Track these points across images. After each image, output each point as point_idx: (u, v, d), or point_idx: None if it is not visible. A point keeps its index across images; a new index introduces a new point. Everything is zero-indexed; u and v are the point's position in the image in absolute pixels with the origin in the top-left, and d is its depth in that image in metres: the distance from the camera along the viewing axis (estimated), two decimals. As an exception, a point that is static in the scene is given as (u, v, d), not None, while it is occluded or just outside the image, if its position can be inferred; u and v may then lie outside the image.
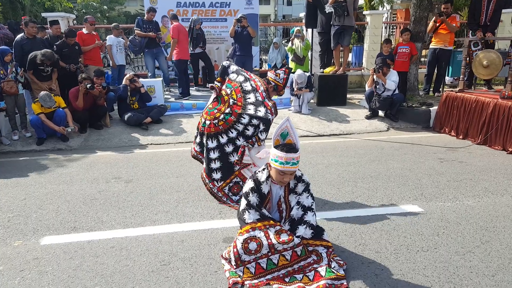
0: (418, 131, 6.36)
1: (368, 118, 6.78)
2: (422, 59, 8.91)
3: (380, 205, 3.52)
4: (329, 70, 7.48)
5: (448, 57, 7.62)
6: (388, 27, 12.64)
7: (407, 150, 5.21)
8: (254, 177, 2.66)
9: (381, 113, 6.88)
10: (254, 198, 2.59)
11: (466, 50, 6.19)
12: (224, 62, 3.71)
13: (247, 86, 3.38)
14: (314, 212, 2.66)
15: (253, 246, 2.46)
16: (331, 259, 2.54)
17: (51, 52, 5.92)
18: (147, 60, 8.00)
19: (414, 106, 6.77)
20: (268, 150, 2.69)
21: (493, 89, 6.96)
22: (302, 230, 2.58)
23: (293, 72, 7.30)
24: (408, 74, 7.29)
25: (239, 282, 2.39)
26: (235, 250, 2.48)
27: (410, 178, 4.15)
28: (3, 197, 3.86)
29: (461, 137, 5.82)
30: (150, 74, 8.10)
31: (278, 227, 2.55)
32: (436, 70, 7.76)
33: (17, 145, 5.71)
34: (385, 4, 14.18)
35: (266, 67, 10.10)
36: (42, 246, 2.90)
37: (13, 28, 8.02)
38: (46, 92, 5.63)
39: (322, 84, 7.41)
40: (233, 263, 2.49)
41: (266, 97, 3.36)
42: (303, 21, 9.31)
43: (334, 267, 2.47)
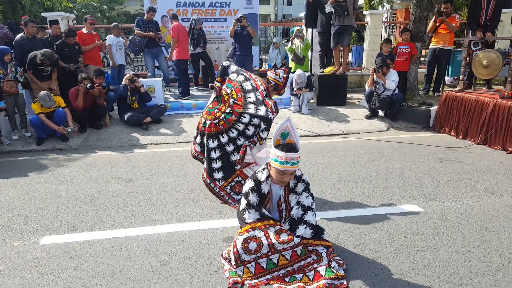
0: (418, 131, 6.36)
1: (368, 118, 6.78)
2: (422, 59, 8.91)
3: (380, 204, 3.52)
4: (329, 70, 7.48)
5: (448, 57, 7.62)
6: (388, 27, 12.64)
7: (407, 150, 5.21)
8: (254, 176, 2.66)
9: (381, 113, 6.88)
10: (254, 198, 2.59)
11: (466, 50, 6.19)
12: (224, 62, 3.71)
13: (247, 86, 3.38)
14: (314, 211, 2.66)
15: (253, 245, 2.46)
16: (331, 259, 2.54)
17: (51, 52, 5.91)
18: (147, 60, 8.00)
19: (414, 106, 6.77)
20: (268, 149, 2.69)
21: (493, 89, 6.96)
22: (302, 230, 2.58)
23: (293, 72, 7.30)
24: (408, 74, 7.30)
25: (239, 281, 2.39)
26: (235, 249, 2.48)
27: (410, 178, 4.15)
28: (3, 197, 3.86)
29: (461, 137, 5.82)
30: (150, 74, 8.10)
31: (278, 227, 2.55)
32: (436, 70, 7.76)
33: (17, 145, 5.71)
34: (385, 4, 14.19)
35: (266, 67, 10.09)
36: (42, 246, 2.90)
37: (12, 27, 8.01)
38: (46, 92, 5.63)
39: (322, 84, 7.42)
40: (233, 263, 2.49)
41: (267, 96, 3.36)
42: (303, 21, 9.30)
43: (334, 267, 2.47)
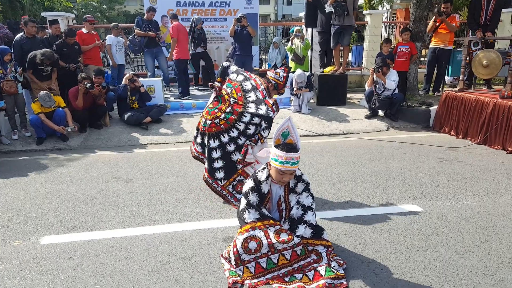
0: (417, 131, 6.36)
1: (368, 117, 6.78)
2: (422, 59, 8.91)
3: (379, 204, 3.52)
4: (329, 70, 7.48)
5: (447, 56, 7.62)
6: (388, 27, 12.63)
7: (407, 150, 5.21)
8: (254, 176, 2.66)
9: (380, 112, 6.88)
10: (254, 198, 2.59)
11: (466, 50, 6.19)
12: (224, 63, 3.71)
13: (248, 85, 3.39)
14: (314, 211, 2.66)
15: (253, 245, 2.46)
16: (331, 259, 2.54)
17: (51, 51, 5.91)
18: (147, 59, 7.99)
19: (413, 105, 6.77)
20: (269, 149, 2.69)
21: (492, 88, 6.96)
22: (302, 230, 2.58)
23: (293, 71, 7.30)
24: (408, 73, 7.30)
25: (239, 281, 2.39)
26: (235, 249, 2.48)
27: (409, 178, 4.15)
28: (3, 196, 3.86)
29: (460, 136, 5.82)
30: (149, 74, 8.10)
31: (278, 227, 2.55)
32: (436, 70, 7.76)
33: (16, 144, 5.71)
34: (385, 3, 14.20)
35: (266, 67, 10.09)
36: (42, 245, 2.90)
37: (12, 27, 8.02)
38: (45, 91, 5.63)
39: (322, 83, 7.42)
40: (233, 263, 2.49)
41: (267, 95, 3.36)
42: (303, 20, 9.31)
43: (334, 267, 2.47)
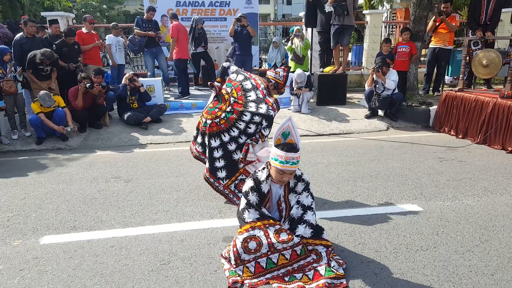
0: (417, 131, 6.36)
1: (367, 117, 6.78)
2: (422, 59, 8.92)
3: (379, 204, 3.52)
4: (328, 70, 7.48)
5: (447, 56, 7.62)
6: (387, 27, 12.64)
7: (407, 150, 5.21)
8: (254, 176, 2.66)
9: (380, 112, 6.88)
10: (253, 197, 2.59)
11: (466, 50, 6.19)
12: (224, 63, 3.73)
13: (248, 85, 3.39)
14: (314, 211, 2.66)
15: (252, 245, 2.46)
16: (331, 258, 2.54)
17: (51, 51, 5.91)
18: (147, 59, 7.99)
19: (413, 105, 6.77)
20: (269, 148, 2.69)
21: (492, 88, 6.97)
22: (302, 229, 2.58)
23: (292, 71, 7.30)
24: (407, 73, 7.30)
25: (239, 281, 2.39)
26: (235, 249, 2.48)
27: (409, 178, 4.15)
28: (3, 196, 3.86)
29: (460, 136, 5.82)
30: (149, 74, 8.10)
31: (277, 226, 2.55)
32: (435, 70, 7.76)
33: (16, 144, 5.71)
34: (384, 3, 14.20)
35: (265, 67, 10.09)
36: (42, 245, 2.90)
37: (12, 27, 8.01)
38: (45, 91, 5.62)
39: (322, 83, 7.42)
40: (232, 262, 2.49)
41: (267, 94, 3.37)
42: (303, 20, 9.31)
43: (334, 266, 2.47)
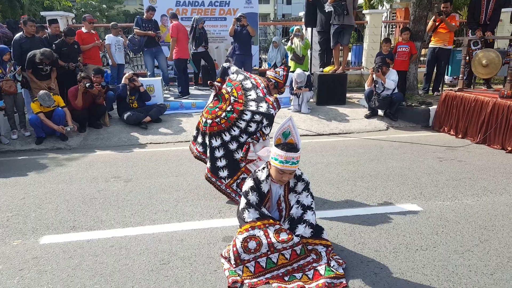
0: (417, 130, 6.36)
1: (367, 117, 6.79)
2: (422, 58, 8.92)
3: (379, 204, 3.52)
4: (328, 69, 7.48)
5: (447, 56, 7.62)
6: (387, 26, 12.64)
7: (406, 149, 5.21)
8: (254, 176, 2.66)
9: (380, 112, 6.88)
10: (253, 197, 2.59)
11: (466, 49, 6.19)
12: (224, 64, 3.74)
13: (248, 84, 3.40)
14: (314, 211, 2.66)
15: (252, 245, 2.46)
16: (331, 258, 2.54)
17: (50, 51, 5.90)
18: (147, 59, 7.98)
19: (413, 105, 6.77)
20: (269, 148, 2.69)
21: (492, 88, 6.97)
22: (302, 229, 2.58)
23: (292, 71, 7.30)
24: (407, 73, 7.30)
25: (239, 281, 2.39)
26: (235, 249, 2.48)
27: (409, 177, 4.16)
28: (2, 196, 3.86)
29: (460, 136, 5.83)
30: (149, 73, 8.09)
31: (277, 226, 2.55)
32: (435, 69, 7.76)
33: (16, 144, 5.70)
34: (384, 3, 14.21)
35: (265, 66, 10.09)
36: (41, 245, 2.90)
37: (12, 27, 7.99)
38: (45, 91, 5.62)
39: (322, 83, 7.42)
40: (232, 262, 2.49)
41: (267, 93, 3.37)
42: (303, 20, 9.30)
43: (333, 266, 2.47)
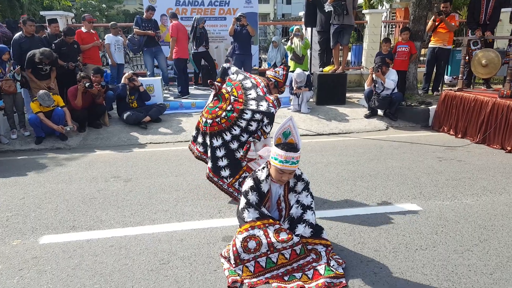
0: (417, 130, 6.37)
1: (367, 117, 6.79)
2: (421, 58, 8.92)
3: (379, 203, 3.52)
4: (328, 69, 7.48)
5: (447, 56, 7.62)
6: (387, 26, 12.62)
7: (406, 149, 5.21)
8: (254, 175, 2.66)
9: (380, 112, 6.88)
10: (253, 197, 2.59)
11: (465, 49, 6.19)
12: (224, 64, 3.75)
13: (248, 83, 3.41)
14: (313, 210, 2.66)
15: (252, 244, 2.46)
16: (330, 258, 2.54)
17: (50, 50, 5.90)
18: (146, 59, 7.98)
19: (413, 105, 6.78)
20: (269, 148, 2.69)
21: (491, 88, 6.98)
22: (301, 229, 2.58)
23: (292, 71, 7.30)
24: (407, 73, 7.30)
25: (238, 280, 2.39)
26: (234, 248, 2.48)
27: (409, 177, 4.16)
28: (2, 196, 3.86)
29: (459, 136, 5.83)
30: (149, 73, 8.09)
31: (277, 226, 2.55)
32: (435, 69, 7.77)
33: (15, 144, 5.70)
34: (384, 3, 14.20)
35: (265, 66, 10.09)
36: (41, 245, 2.90)
37: (11, 26, 7.98)
38: (44, 91, 5.62)
39: (322, 83, 7.42)
40: (232, 262, 2.49)
41: (267, 92, 3.38)
42: (303, 20, 9.30)
43: (333, 266, 2.47)
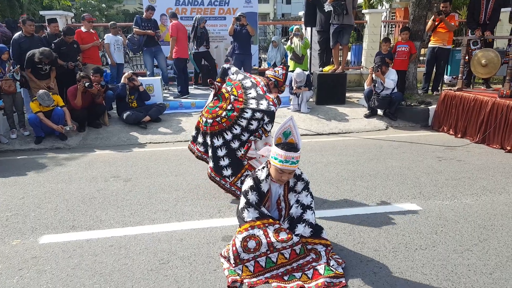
0: (416, 130, 6.37)
1: (367, 116, 6.79)
2: (421, 58, 8.92)
3: (378, 203, 3.52)
4: (328, 69, 7.48)
5: (446, 56, 7.63)
6: (387, 26, 12.63)
7: (406, 149, 5.22)
8: (254, 175, 2.66)
9: (380, 111, 6.88)
10: (253, 197, 2.59)
11: (465, 49, 6.19)
12: (224, 65, 3.77)
13: (247, 83, 3.42)
14: (313, 210, 2.66)
15: (252, 244, 2.46)
16: (330, 257, 2.54)
17: (49, 50, 5.89)
18: (146, 58, 7.97)
19: (412, 104, 6.78)
20: (269, 147, 2.69)
21: (491, 88, 6.98)
22: (301, 229, 2.58)
23: (292, 70, 7.30)
24: (407, 73, 7.30)
25: (238, 280, 2.39)
26: (234, 248, 2.48)
27: (408, 177, 4.16)
28: (1, 196, 3.86)
29: (459, 135, 5.83)
30: (148, 73, 8.08)
31: (277, 226, 2.55)
32: (434, 69, 7.77)
33: (15, 143, 5.70)
34: (384, 2, 14.20)
35: (265, 66, 10.09)
36: (41, 245, 2.90)
37: (11, 26, 7.97)
38: (44, 90, 5.61)
39: (321, 82, 7.42)
40: (232, 262, 2.49)
41: (267, 91, 3.38)
42: (302, 19, 9.30)
43: (333, 265, 2.48)
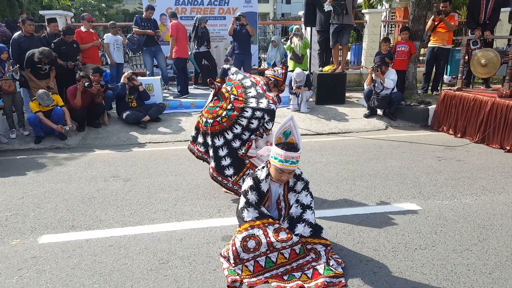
0: (416, 130, 6.37)
1: (366, 116, 6.79)
2: (421, 58, 8.92)
3: (378, 203, 3.52)
4: (327, 69, 7.48)
5: (446, 55, 7.63)
6: (387, 26, 12.64)
7: (405, 149, 5.22)
8: (254, 175, 2.66)
9: (379, 111, 6.89)
10: (253, 196, 2.59)
11: (465, 49, 6.20)
12: (224, 65, 3.77)
13: (247, 82, 3.43)
14: (313, 210, 2.66)
15: (251, 244, 2.46)
16: (330, 257, 2.55)
17: (49, 50, 5.89)
18: (146, 58, 7.97)
19: (412, 104, 6.78)
20: (269, 147, 2.69)
21: (491, 87, 6.98)
22: (301, 228, 2.58)
23: (291, 70, 7.30)
24: (406, 72, 7.31)
25: (238, 280, 2.39)
26: (234, 248, 2.48)
27: (408, 177, 4.16)
28: (1, 195, 3.85)
29: (459, 135, 5.84)
30: (148, 73, 8.08)
31: (277, 225, 2.55)
32: (434, 69, 7.77)
33: (14, 143, 5.69)
34: (384, 2, 14.21)
35: (265, 66, 10.09)
36: (40, 244, 2.90)
37: (10, 25, 7.96)
38: (44, 90, 5.61)
39: (321, 82, 7.42)
40: (231, 261, 2.49)
41: (267, 90, 3.39)
42: (302, 19, 9.30)
43: (333, 265, 2.48)
